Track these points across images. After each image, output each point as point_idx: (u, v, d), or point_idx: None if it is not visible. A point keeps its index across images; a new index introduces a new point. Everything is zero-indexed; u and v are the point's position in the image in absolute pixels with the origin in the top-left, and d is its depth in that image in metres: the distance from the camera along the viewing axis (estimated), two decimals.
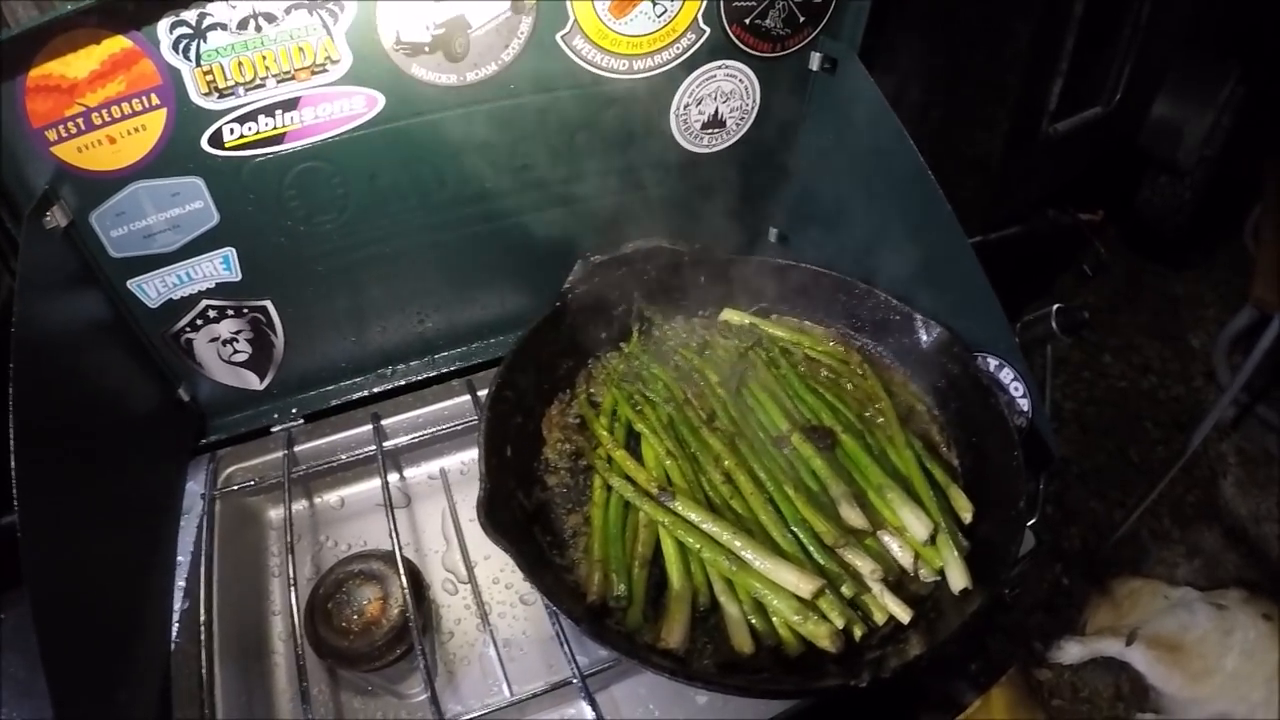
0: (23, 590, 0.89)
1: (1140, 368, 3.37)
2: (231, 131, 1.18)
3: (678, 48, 1.36)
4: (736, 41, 1.40)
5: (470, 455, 1.56)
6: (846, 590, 1.13)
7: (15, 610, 1.38)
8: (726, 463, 1.27)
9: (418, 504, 1.53)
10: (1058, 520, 2.79)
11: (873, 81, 1.39)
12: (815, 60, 1.48)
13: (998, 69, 2.34)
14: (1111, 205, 3.40)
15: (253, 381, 1.51)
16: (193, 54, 1.10)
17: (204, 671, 1.18)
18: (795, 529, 1.19)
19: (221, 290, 1.36)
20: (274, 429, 1.52)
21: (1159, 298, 3.68)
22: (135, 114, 1.12)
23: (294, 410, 1.55)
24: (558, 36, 1.27)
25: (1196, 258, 3.78)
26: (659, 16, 1.31)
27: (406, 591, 1.22)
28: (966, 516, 1.22)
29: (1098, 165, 3.12)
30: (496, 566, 1.40)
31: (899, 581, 1.18)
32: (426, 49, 1.20)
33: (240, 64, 1.13)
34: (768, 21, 1.39)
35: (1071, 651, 2.39)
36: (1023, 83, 2.40)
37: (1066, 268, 3.64)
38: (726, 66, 1.43)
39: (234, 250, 1.32)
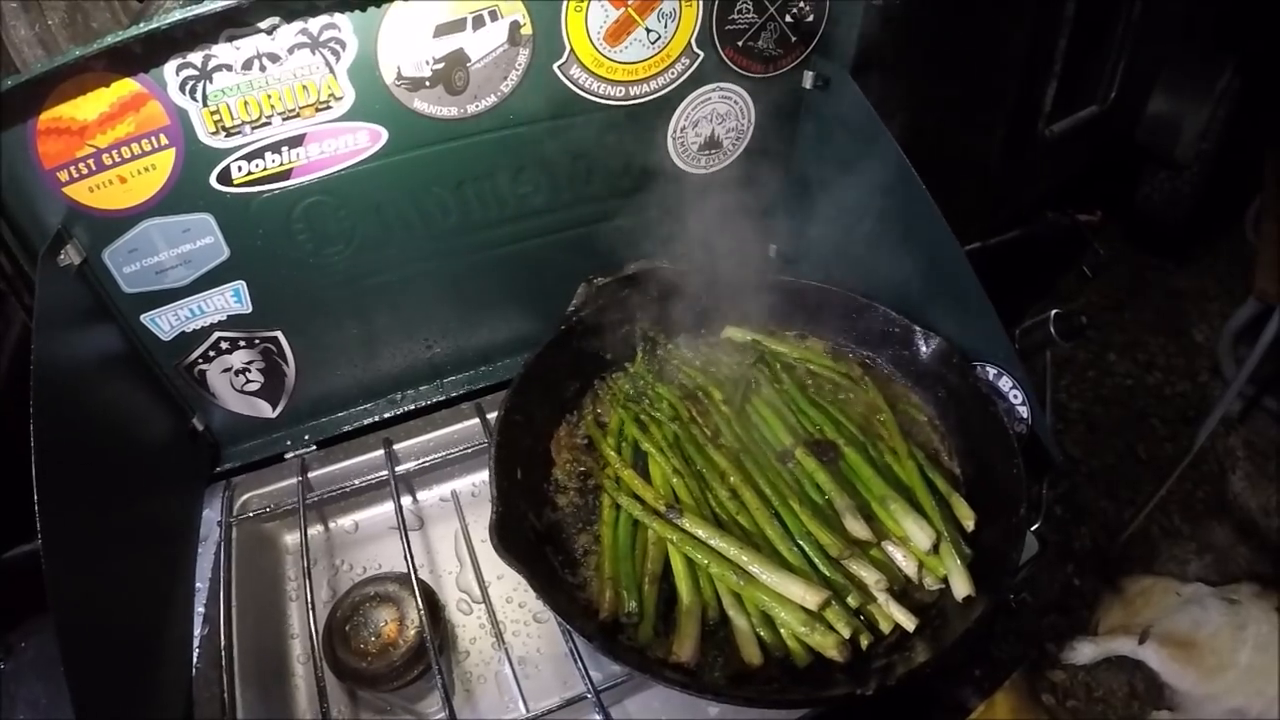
0: (44, 618, 0.92)
1: (1145, 364, 3.37)
2: (239, 169, 1.21)
3: (673, 72, 1.39)
4: (730, 64, 1.43)
5: (481, 477, 1.57)
6: (852, 600, 1.15)
7: (37, 639, 1.40)
8: (732, 479, 1.29)
9: (431, 526, 1.55)
10: (1067, 520, 2.78)
11: (864, 98, 1.41)
12: (808, 79, 1.50)
13: (992, 74, 2.35)
14: (1111, 202, 3.40)
15: (265, 410, 1.54)
16: (199, 95, 1.13)
17: (225, 695, 1.20)
18: (801, 542, 1.21)
19: (233, 322, 1.39)
20: (288, 456, 1.55)
21: (1162, 293, 3.67)
22: (145, 154, 1.15)
23: (307, 437, 1.57)
24: (555, 66, 1.30)
25: (1198, 252, 3.77)
26: (653, 43, 1.33)
27: (422, 612, 1.25)
28: (969, 525, 1.24)
29: (1095, 164, 3.12)
30: (510, 586, 1.42)
31: (904, 590, 1.20)
32: (427, 83, 1.23)
33: (246, 103, 1.16)
34: (760, 43, 1.42)
35: (1085, 651, 2.38)
36: (1017, 86, 2.41)
37: (1067, 269, 3.64)
38: (721, 89, 1.46)
39: (244, 283, 1.35)
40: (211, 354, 1.41)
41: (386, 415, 1.62)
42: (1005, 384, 1.37)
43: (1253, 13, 3.24)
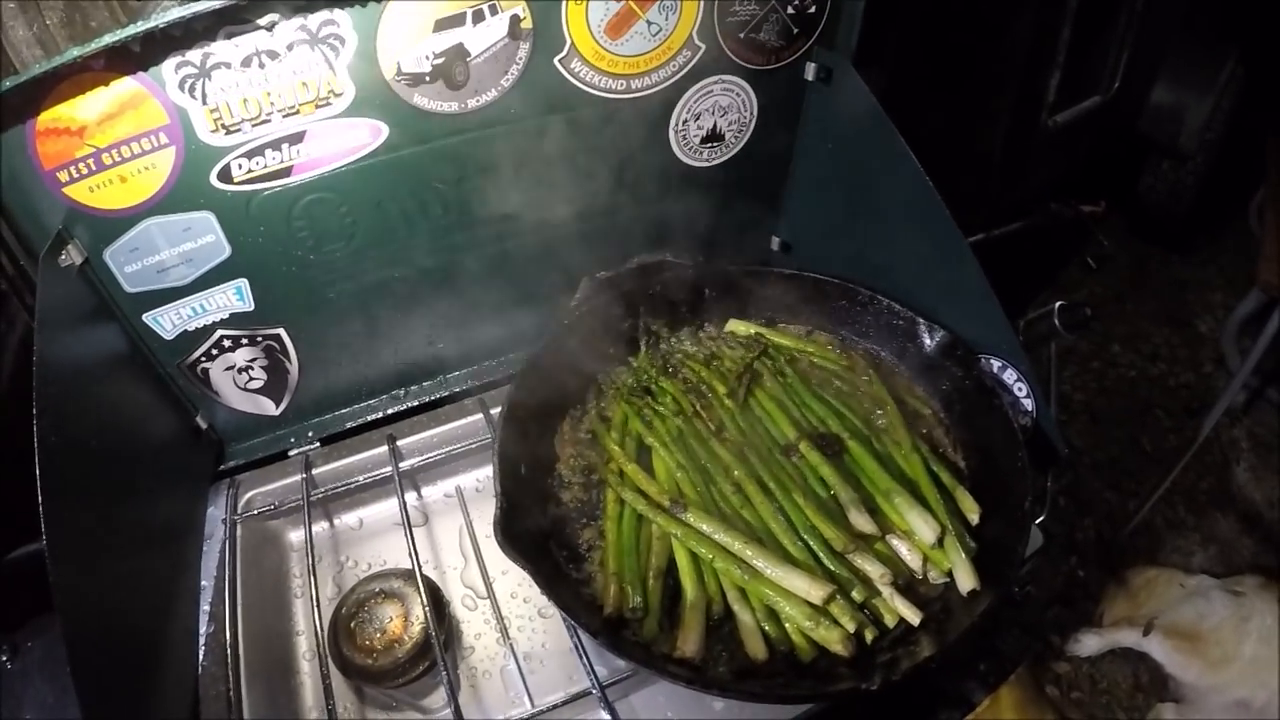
0: (50, 618, 0.92)
1: (1149, 356, 3.37)
2: (240, 166, 1.21)
3: (674, 65, 1.38)
4: (732, 56, 1.42)
5: (485, 472, 1.57)
6: (857, 595, 1.15)
7: (43, 638, 1.40)
8: (736, 473, 1.29)
9: (435, 522, 1.55)
10: (1072, 512, 2.78)
11: (867, 89, 1.40)
12: (810, 71, 1.50)
13: (995, 64, 2.35)
14: (1115, 193, 3.39)
15: (269, 407, 1.53)
16: (199, 93, 1.12)
17: (231, 693, 1.20)
18: (805, 536, 1.21)
19: (235, 320, 1.38)
20: (291, 453, 1.55)
21: (1166, 284, 3.67)
22: (145, 153, 1.15)
23: (310, 434, 1.57)
24: (555, 60, 1.29)
25: (1201, 242, 3.77)
26: (654, 35, 1.33)
27: (427, 609, 1.25)
28: (974, 518, 1.23)
29: (1099, 154, 3.11)
30: (515, 581, 1.42)
31: (908, 584, 1.20)
32: (427, 78, 1.23)
33: (246, 101, 1.15)
34: (762, 35, 1.41)
35: (1089, 643, 2.39)
36: (1021, 76, 2.41)
37: (1070, 260, 3.63)
38: (723, 81, 1.45)
39: (246, 281, 1.34)
40: (214, 352, 1.41)
41: (390, 411, 1.62)
42: (1009, 377, 1.37)
43: (1256, 2, 3.22)
